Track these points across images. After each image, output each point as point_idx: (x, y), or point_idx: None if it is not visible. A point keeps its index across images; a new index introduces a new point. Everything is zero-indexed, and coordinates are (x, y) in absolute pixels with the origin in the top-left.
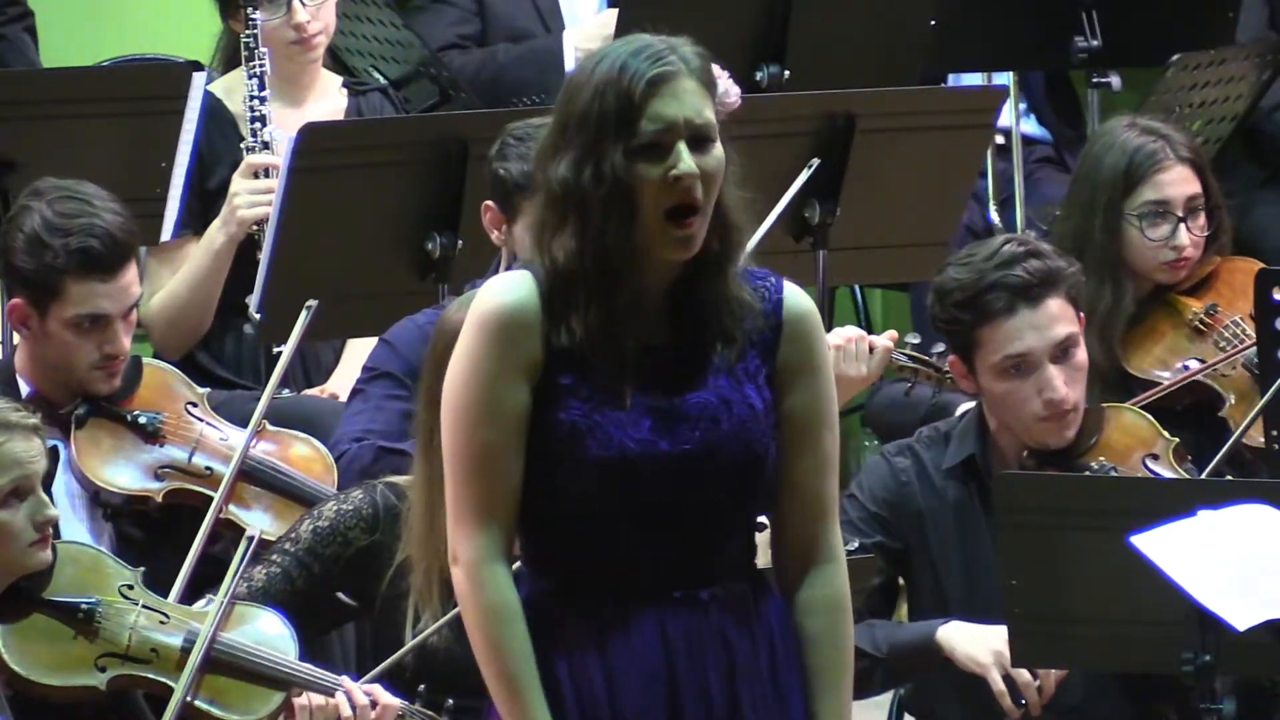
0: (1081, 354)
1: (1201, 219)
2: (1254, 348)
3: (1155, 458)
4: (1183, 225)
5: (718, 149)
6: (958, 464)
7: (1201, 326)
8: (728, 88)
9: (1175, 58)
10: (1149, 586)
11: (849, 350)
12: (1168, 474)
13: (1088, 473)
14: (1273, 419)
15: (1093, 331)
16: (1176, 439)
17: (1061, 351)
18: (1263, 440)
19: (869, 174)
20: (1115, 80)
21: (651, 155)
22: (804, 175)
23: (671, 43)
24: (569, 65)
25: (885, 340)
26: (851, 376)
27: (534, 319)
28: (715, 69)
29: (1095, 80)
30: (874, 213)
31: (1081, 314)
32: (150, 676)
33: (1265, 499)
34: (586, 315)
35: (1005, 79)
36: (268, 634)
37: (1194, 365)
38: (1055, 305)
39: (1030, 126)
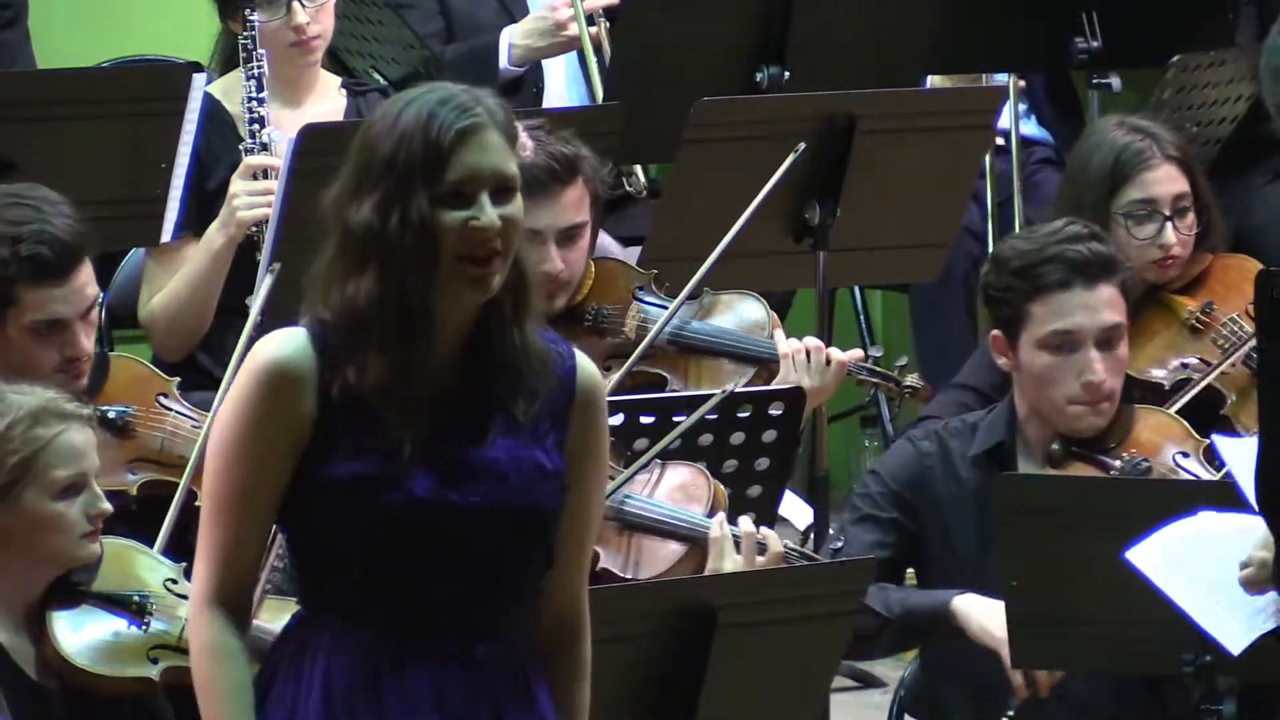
0: (1124, 348)
1: (1190, 218)
2: (1253, 342)
3: (1186, 455)
4: (1169, 224)
5: (518, 199)
6: (983, 452)
7: (1198, 325)
8: (524, 140)
9: (1175, 58)
10: (1148, 588)
11: (801, 360)
12: (1199, 471)
13: (1119, 463)
14: None
15: None
16: (1207, 440)
17: (1106, 339)
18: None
19: (869, 175)
20: (1115, 81)
21: (455, 203)
22: (789, 159)
23: (476, 94)
24: (503, 62)
25: (843, 354)
26: (806, 386)
27: (307, 374)
28: None
29: (1095, 81)
30: (874, 214)
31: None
32: None
33: None
34: (378, 363)
35: (1006, 80)
36: None
37: (1193, 363)
38: (1108, 292)
39: (1030, 128)
